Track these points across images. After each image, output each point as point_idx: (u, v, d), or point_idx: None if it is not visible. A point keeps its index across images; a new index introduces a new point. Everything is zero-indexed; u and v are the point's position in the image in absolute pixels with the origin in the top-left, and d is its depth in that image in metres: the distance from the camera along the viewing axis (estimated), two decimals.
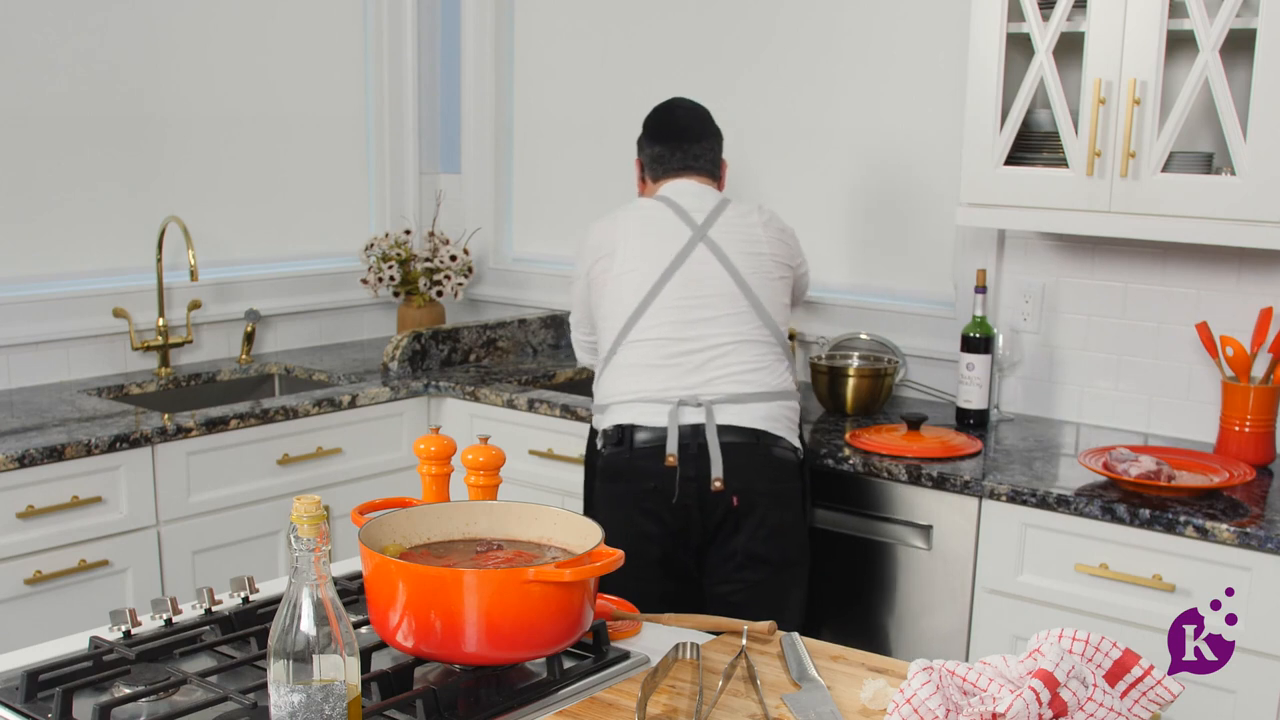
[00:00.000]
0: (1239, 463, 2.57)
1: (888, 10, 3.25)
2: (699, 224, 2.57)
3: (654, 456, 2.44)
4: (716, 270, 2.54)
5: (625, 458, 2.47)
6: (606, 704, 1.45)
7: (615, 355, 2.58)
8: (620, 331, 2.57)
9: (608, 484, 2.50)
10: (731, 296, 2.53)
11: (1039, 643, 1.34)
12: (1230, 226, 2.48)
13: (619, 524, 2.39)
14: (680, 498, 2.42)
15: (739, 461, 2.43)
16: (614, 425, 2.51)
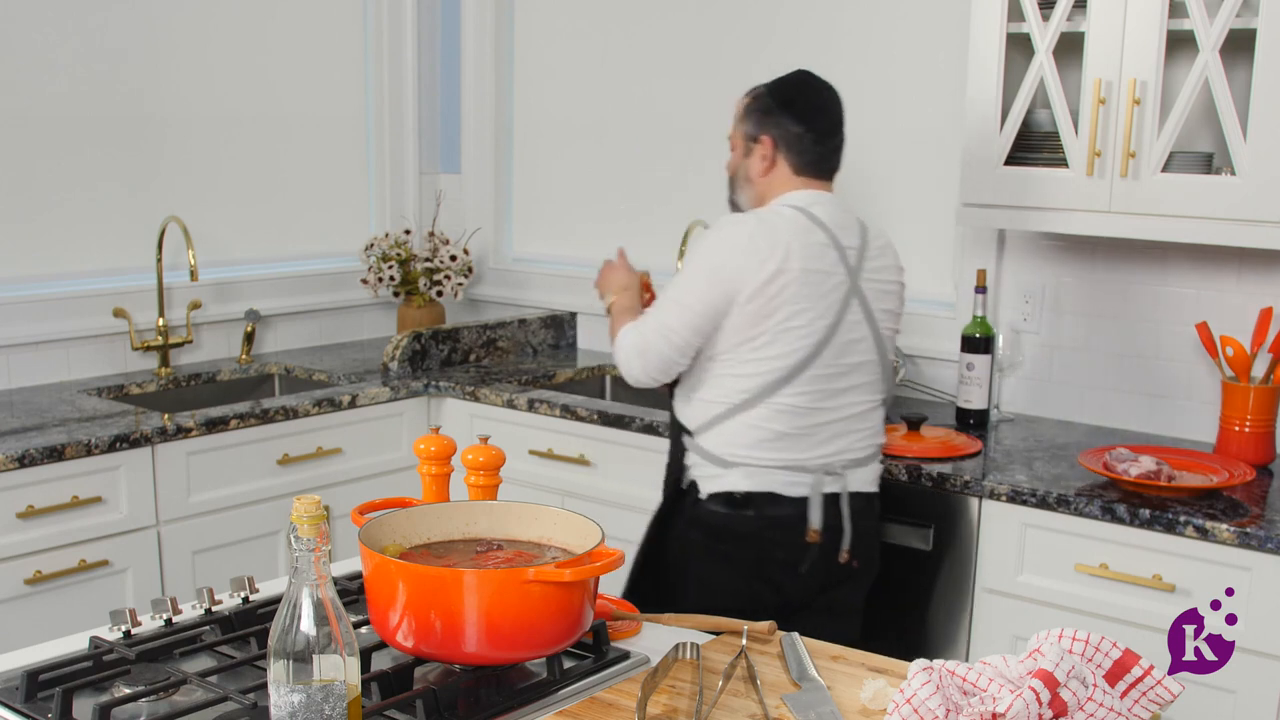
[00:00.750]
0: (1239, 463, 2.57)
1: (888, 10, 3.25)
2: (852, 265, 2.34)
3: (790, 529, 2.33)
4: (865, 336, 2.36)
5: (754, 526, 2.34)
6: (606, 704, 1.45)
7: (749, 412, 2.32)
8: (763, 390, 2.30)
9: (720, 544, 2.37)
10: (871, 365, 2.39)
11: (1039, 643, 1.33)
12: (1230, 226, 2.48)
13: (731, 587, 2.35)
14: (809, 569, 2.36)
15: (861, 526, 2.40)
16: (744, 491, 2.33)
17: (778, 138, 2.39)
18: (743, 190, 2.45)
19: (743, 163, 2.44)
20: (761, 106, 2.41)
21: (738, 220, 2.34)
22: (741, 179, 2.45)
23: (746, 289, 2.26)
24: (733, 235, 2.30)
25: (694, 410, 2.40)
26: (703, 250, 2.34)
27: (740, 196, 2.47)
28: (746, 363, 2.31)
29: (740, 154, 2.44)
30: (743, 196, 2.46)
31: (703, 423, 2.38)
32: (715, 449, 2.36)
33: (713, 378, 2.36)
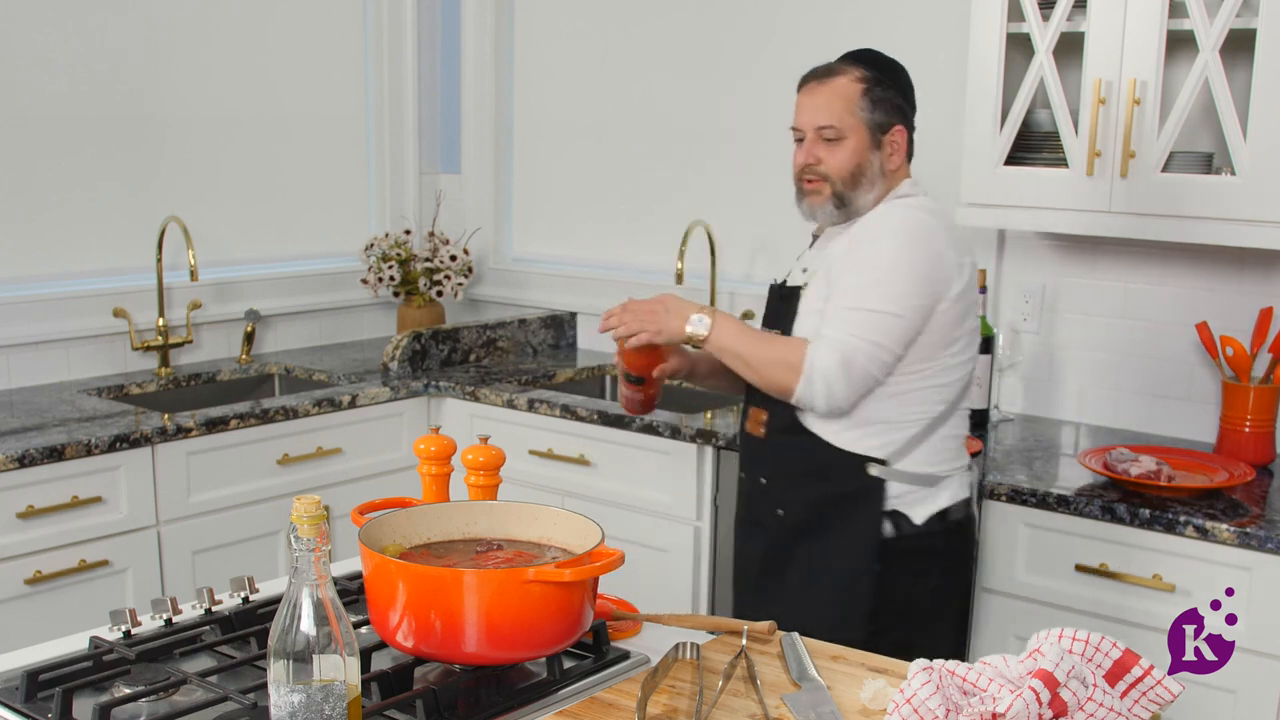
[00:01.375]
0: (1239, 463, 2.57)
1: (888, 10, 3.25)
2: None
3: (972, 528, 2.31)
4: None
5: (970, 535, 2.27)
6: (606, 704, 1.45)
7: (948, 422, 2.20)
8: (958, 398, 2.20)
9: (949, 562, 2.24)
10: None
11: (1039, 643, 1.33)
12: (1230, 226, 2.48)
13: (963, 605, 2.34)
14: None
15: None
16: (957, 502, 2.21)
17: (908, 126, 2.22)
18: (867, 187, 2.19)
19: (870, 156, 2.18)
20: (889, 91, 2.19)
21: (920, 220, 2.13)
22: (871, 174, 2.18)
23: (951, 292, 2.12)
24: (929, 237, 2.11)
25: (879, 437, 2.15)
26: (899, 254, 2.10)
27: (860, 194, 2.19)
28: (945, 370, 2.16)
29: (864, 146, 2.17)
30: (865, 195, 2.19)
31: (899, 446, 2.16)
32: (921, 468, 2.17)
33: (902, 395, 2.14)
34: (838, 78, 2.18)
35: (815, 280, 2.20)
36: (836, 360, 2.07)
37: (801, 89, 2.23)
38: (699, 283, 3.54)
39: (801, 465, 2.20)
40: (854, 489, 2.16)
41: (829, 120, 2.17)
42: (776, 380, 2.12)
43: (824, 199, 2.19)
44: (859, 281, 2.10)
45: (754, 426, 2.27)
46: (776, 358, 2.13)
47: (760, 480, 2.27)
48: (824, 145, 2.18)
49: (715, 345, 2.18)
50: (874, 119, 2.17)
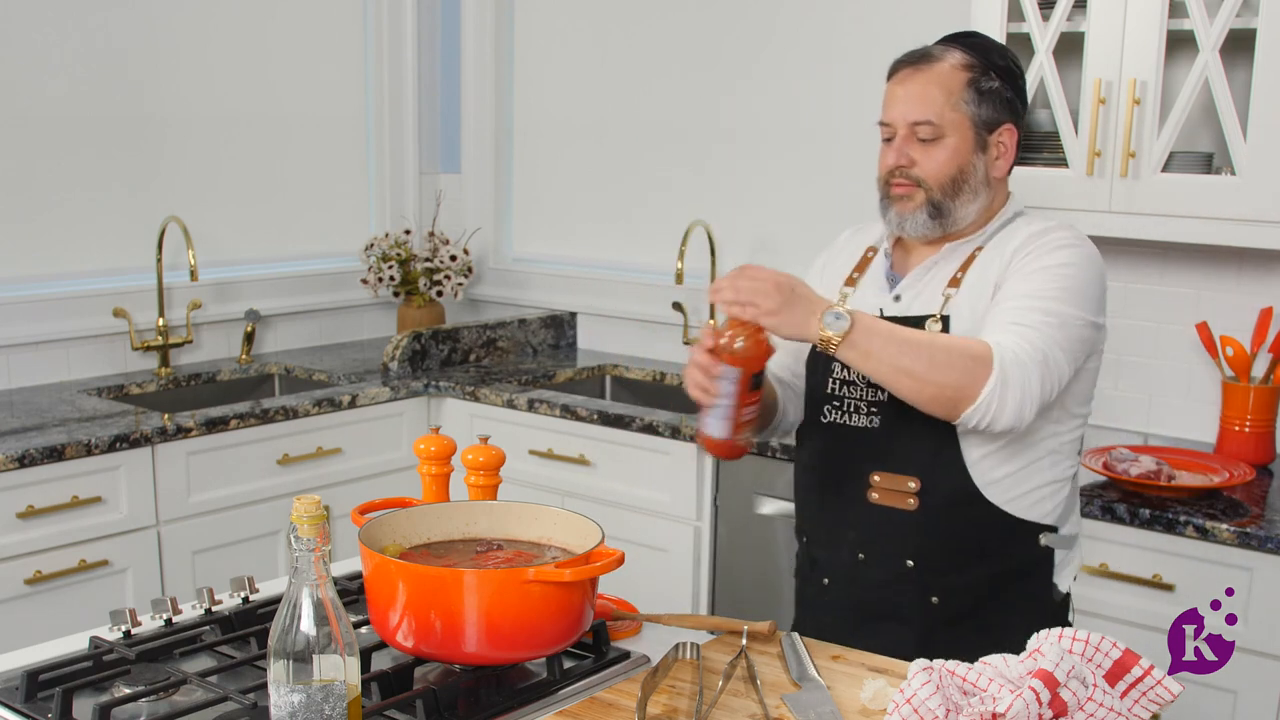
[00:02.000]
0: (1239, 463, 2.57)
1: (888, 10, 3.24)
2: None
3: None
4: None
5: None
6: (606, 704, 1.45)
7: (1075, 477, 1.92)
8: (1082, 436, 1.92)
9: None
10: None
11: (1039, 643, 1.33)
12: (1230, 226, 2.48)
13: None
14: None
15: None
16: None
17: (1019, 127, 1.89)
18: (969, 197, 1.84)
19: (973, 159, 1.84)
20: (999, 82, 1.85)
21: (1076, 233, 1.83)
22: (974, 181, 1.84)
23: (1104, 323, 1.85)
24: (1094, 253, 1.82)
25: (1050, 500, 1.85)
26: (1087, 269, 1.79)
27: (961, 205, 1.84)
28: (1080, 421, 1.89)
29: (968, 147, 1.83)
30: (966, 206, 1.85)
31: (1062, 509, 1.87)
32: (1070, 530, 1.90)
33: (1058, 451, 1.85)
34: (938, 63, 1.84)
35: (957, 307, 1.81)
36: (1035, 354, 1.69)
37: (893, 76, 1.89)
38: (699, 283, 3.54)
39: (966, 541, 1.82)
40: (1026, 563, 1.84)
41: (926, 114, 1.82)
42: (956, 383, 1.66)
43: (916, 206, 1.84)
44: (1050, 284, 1.75)
45: (894, 498, 1.82)
46: (954, 353, 1.67)
47: (906, 563, 1.83)
48: (919, 145, 1.83)
49: (861, 349, 1.66)
50: (980, 115, 1.83)
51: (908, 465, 1.81)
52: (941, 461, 1.79)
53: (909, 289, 1.89)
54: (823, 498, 1.93)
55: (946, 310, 1.81)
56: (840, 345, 1.66)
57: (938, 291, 1.85)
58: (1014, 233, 1.85)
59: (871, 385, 1.85)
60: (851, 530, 1.88)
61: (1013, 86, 1.87)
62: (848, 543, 1.89)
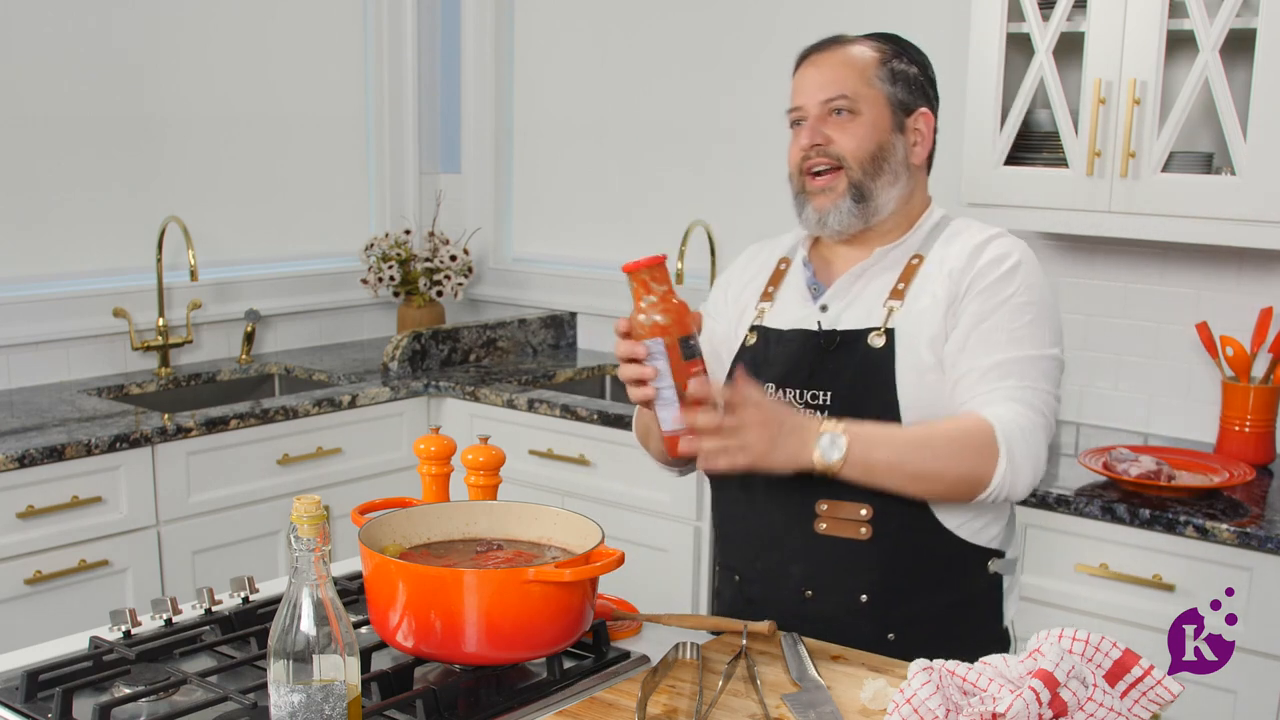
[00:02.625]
0: (1239, 463, 2.57)
1: (888, 11, 3.24)
2: None
3: None
4: None
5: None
6: (606, 704, 1.45)
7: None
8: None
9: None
10: None
11: (1039, 643, 1.33)
12: (1230, 226, 2.48)
13: None
14: None
15: None
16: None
17: (933, 110, 1.82)
18: (889, 179, 1.75)
19: (892, 138, 1.75)
20: (912, 67, 1.80)
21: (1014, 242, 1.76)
22: (894, 163, 1.75)
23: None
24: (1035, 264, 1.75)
25: (997, 524, 1.77)
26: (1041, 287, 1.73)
27: (883, 188, 1.75)
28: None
29: (885, 124, 1.75)
30: (887, 190, 1.75)
31: (1005, 533, 1.79)
32: (1013, 555, 1.81)
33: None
34: (848, 45, 1.81)
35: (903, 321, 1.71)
36: (1035, 418, 1.64)
37: (802, 64, 1.82)
38: (699, 283, 3.54)
39: (922, 571, 1.72)
40: (976, 593, 1.75)
41: (840, 89, 1.73)
42: (967, 475, 1.61)
43: (837, 195, 1.73)
44: (1018, 321, 1.68)
45: (844, 527, 1.69)
46: (956, 444, 1.61)
47: (860, 598, 1.71)
48: (834, 121, 1.74)
49: (862, 465, 1.58)
50: (896, 94, 1.76)
51: (858, 491, 1.65)
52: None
53: (837, 298, 1.77)
54: (761, 530, 1.76)
55: (891, 323, 1.71)
56: (843, 467, 1.58)
57: (876, 302, 1.74)
58: (951, 241, 1.76)
59: (810, 405, 1.72)
60: (796, 565, 1.73)
61: (925, 75, 1.82)
62: (792, 579, 1.74)
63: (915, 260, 1.76)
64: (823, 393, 1.71)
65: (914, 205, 1.81)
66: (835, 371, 1.72)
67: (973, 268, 1.71)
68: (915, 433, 1.63)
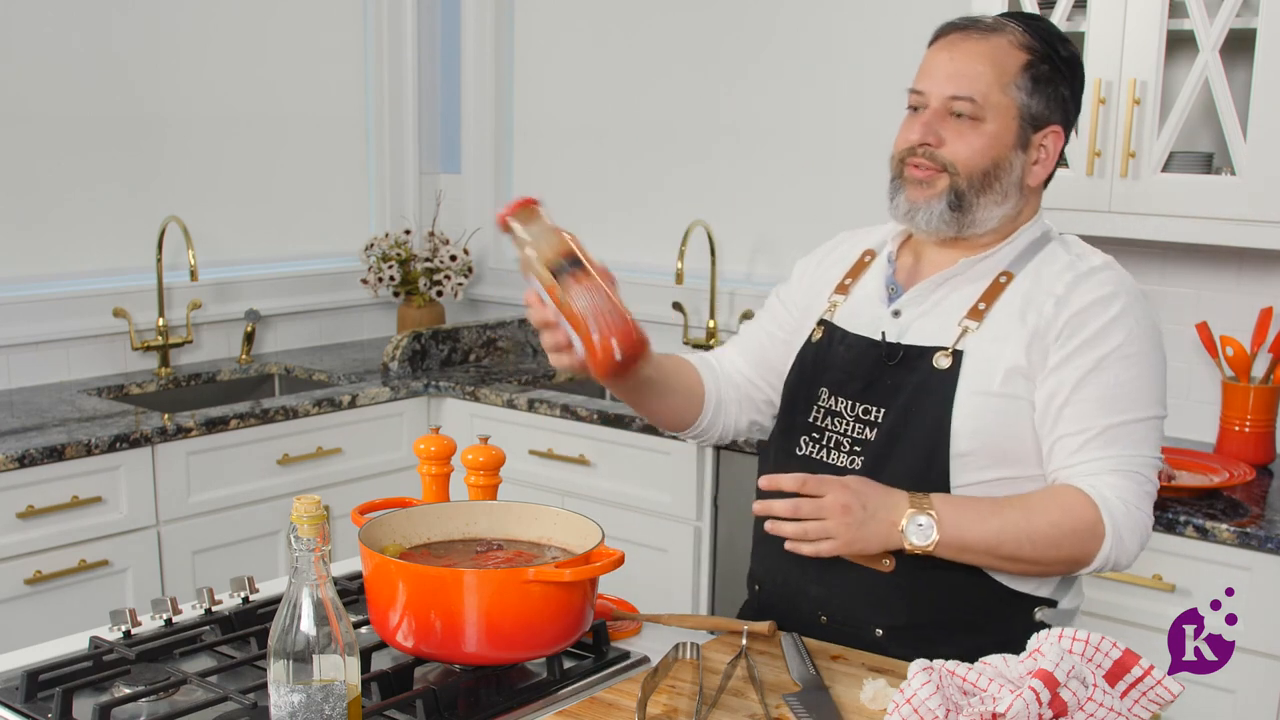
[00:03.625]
0: (1239, 463, 2.57)
1: (888, 11, 3.24)
2: None
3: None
4: None
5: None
6: (606, 704, 1.45)
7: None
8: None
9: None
10: None
11: (1039, 643, 1.33)
12: (1230, 226, 2.48)
13: None
14: None
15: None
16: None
17: (1066, 132, 1.66)
18: (997, 198, 1.62)
19: (1011, 155, 1.61)
20: (1058, 75, 1.61)
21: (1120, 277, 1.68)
22: (1006, 182, 1.62)
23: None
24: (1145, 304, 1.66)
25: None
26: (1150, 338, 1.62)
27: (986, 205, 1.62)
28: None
29: (1008, 139, 1.60)
30: (992, 208, 1.62)
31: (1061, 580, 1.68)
32: (1069, 604, 1.71)
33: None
34: (995, 35, 1.59)
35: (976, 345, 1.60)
36: (1140, 491, 1.55)
37: (938, 40, 1.63)
38: (699, 283, 3.54)
39: (948, 612, 1.61)
40: (1011, 640, 1.55)
41: (970, 90, 1.57)
42: (1069, 558, 1.55)
43: (935, 194, 1.61)
44: (1122, 379, 1.56)
45: (868, 556, 1.59)
46: (1058, 529, 1.52)
47: (875, 632, 1.63)
48: (953, 123, 1.59)
49: (955, 549, 1.51)
50: (1031, 107, 1.60)
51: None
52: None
53: (912, 305, 1.67)
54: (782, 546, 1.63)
55: (961, 345, 1.60)
56: (934, 551, 1.51)
57: (952, 319, 1.63)
58: (1048, 263, 1.63)
59: (860, 420, 1.64)
60: (814, 586, 1.66)
61: (1071, 85, 1.64)
62: (809, 600, 1.67)
63: (1003, 278, 1.63)
64: (875, 409, 1.63)
65: (1019, 221, 1.67)
66: (893, 387, 1.62)
67: (1070, 305, 1.59)
68: (1013, 516, 1.52)
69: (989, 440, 1.58)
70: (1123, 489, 1.54)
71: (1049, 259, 1.65)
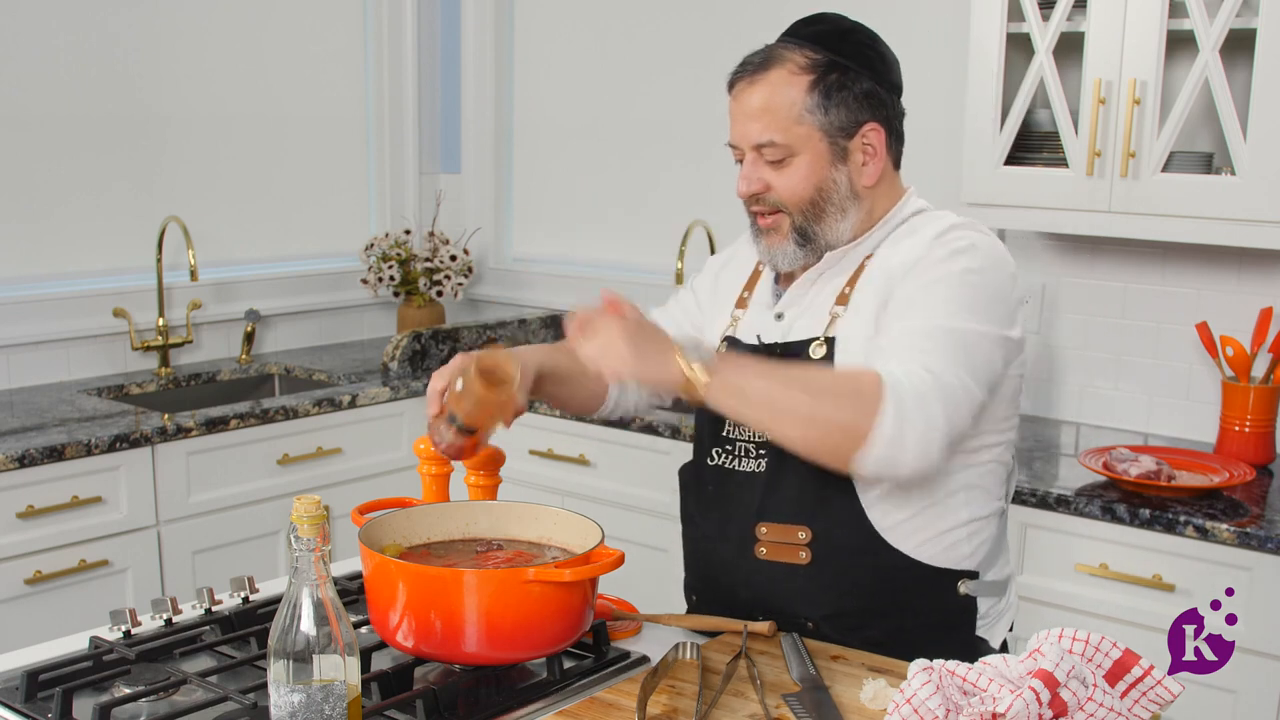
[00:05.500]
0: (1239, 463, 2.57)
1: (888, 11, 3.24)
2: None
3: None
4: None
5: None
6: (606, 704, 1.45)
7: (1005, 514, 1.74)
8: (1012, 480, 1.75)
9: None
10: None
11: (1039, 643, 1.33)
12: (1230, 226, 2.48)
13: None
14: None
15: None
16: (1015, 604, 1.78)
17: (886, 122, 1.65)
18: (836, 215, 1.64)
19: (832, 173, 1.63)
20: (850, 76, 1.62)
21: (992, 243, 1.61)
22: (839, 196, 1.63)
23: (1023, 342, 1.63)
24: (1001, 253, 1.60)
25: (969, 543, 1.65)
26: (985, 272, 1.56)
27: (829, 226, 1.64)
28: (1006, 447, 1.68)
29: (823, 161, 1.62)
30: (836, 225, 1.65)
31: (987, 551, 1.68)
32: (997, 575, 1.70)
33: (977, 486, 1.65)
34: (774, 69, 1.62)
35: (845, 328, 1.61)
36: (934, 381, 1.47)
37: (731, 90, 1.67)
38: None
39: (871, 595, 1.62)
40: (947, 615, 1.64)
41: (768, 134, 1.61)
42: (843, 421, 1.45)
43: (782, 237, 1.65)
44: (942, 297, 1.53)
45: (783, 552, 1.62)
46: (836, 386, 1.48)
47: (807, 625, 1.65)
48: (769, 167, 1.63)
49: (733, 388, 1.49)
50: (832, 122, 1.61)
51: (796, 513, 1.59)
52: (833, 507, 1.59)
53: (792, 305, 1.68)
54: (710, 555, 1.71)
55: (832, 331, 1.61)
56: (708, 389, 1.48)
57: (824, 309, 1.64)
58: (909, 235, 1.63)
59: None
60: (743, 590, 1.68)
61: (873, 73, 1.63)
62: (740, 604, 1.69)
63: (867, 261, 1.66)
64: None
65: (875, 214, 1.67)
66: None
67: (920, 258, 1.58)
68: (794, 370, 1.50)
69: None
70: (914, 373, 1.47)
71: (907, 233, 1.65)
